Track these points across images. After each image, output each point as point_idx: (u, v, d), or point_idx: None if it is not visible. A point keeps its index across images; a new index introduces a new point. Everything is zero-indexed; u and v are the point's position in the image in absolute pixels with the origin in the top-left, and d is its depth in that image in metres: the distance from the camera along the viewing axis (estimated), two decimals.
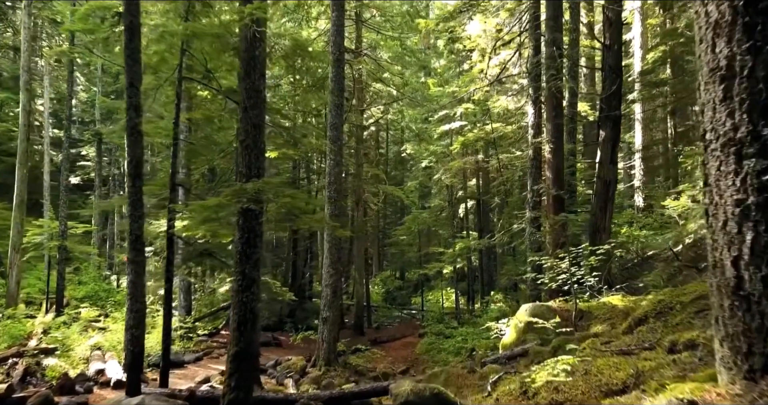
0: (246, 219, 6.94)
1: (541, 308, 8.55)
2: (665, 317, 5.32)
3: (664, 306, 5.52)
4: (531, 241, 12.84)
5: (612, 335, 6.15)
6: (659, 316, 5.41)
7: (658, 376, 2.99)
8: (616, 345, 4.66)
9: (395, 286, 34.25)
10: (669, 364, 3.23)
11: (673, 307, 5.40)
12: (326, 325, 14.25)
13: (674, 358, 3.31)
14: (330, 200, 14.48)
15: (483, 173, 25.21)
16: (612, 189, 12.40)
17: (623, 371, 3.36)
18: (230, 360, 6.72)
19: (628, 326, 5.77)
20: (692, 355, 3.23)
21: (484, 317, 17.35)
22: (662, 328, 4.98)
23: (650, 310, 5.61)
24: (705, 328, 3.63)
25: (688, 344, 3.41)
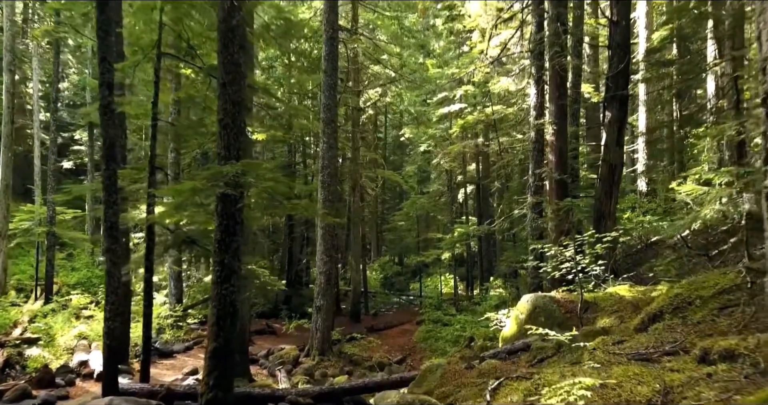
0: (225, 205, 6.39)
1: (544, 299, 8.05)
2: (683, 313, 4.80)
3: (682, 300, 4.99)
4: (532, 228, 12.30)
5: (623, 332, 5.64)
6: (677, 312, 4.89)
7: (693, 395, 2.48)
8: (631, 346, 4.14)
9: (394, 272, 33.83)
10: (703, 379, 2.71)
11: (692, 302, 4.88)
12: (320, 313, 13.79)
13: (709, 372, 2.79)
14: (324, 185, 13.92)
15: (483, 157, 24.61)
16: (618, 173, 11.84)
17: (647, 385, 2.85)
18: (208, 357, 6.22)
19: (641, 322, 5.25)
20: (732, 368, 2.71)
21: (483, 305, 16.91)
22: (681, 326, 4.46)
23: (666, 304, 5.09)
24: (744, 334, 3.12)
25: (725, 354, 2.89)
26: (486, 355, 7.44)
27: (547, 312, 7.84)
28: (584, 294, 8.13)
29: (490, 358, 7.29)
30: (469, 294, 24.83)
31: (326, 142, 13.86)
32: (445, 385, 6.44)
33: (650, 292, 7.47)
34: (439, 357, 13.58)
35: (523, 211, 12.85)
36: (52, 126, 20.09)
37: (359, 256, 21.75)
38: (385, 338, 18.20)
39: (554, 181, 12.08)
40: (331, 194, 13.93)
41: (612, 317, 6.98)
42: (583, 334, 6.37)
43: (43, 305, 17.30)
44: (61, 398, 9.45)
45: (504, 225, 13.71)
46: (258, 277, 9.49)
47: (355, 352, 14.70)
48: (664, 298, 5.30)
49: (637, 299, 7.35)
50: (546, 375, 3.77)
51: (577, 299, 8.02)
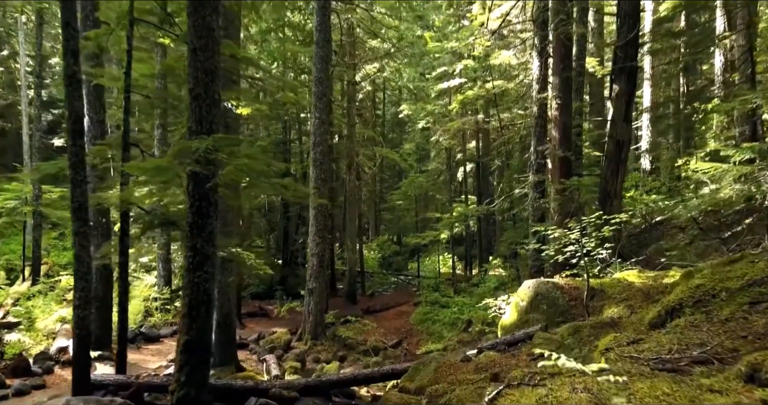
0: (197, 184, 5.78)
1: (547, 285, 7.50)
2: (707, 307, 4.24)
3: (704, 292, 4.42)
4: (534, 208, 11.72)
5: (636, 326, 5.09)
6: (699, 306, 4.33)
7: None
8: (650, 349, 3.58)
9: (392, 251, 33.37)
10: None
11: (717, 295, 4.31)
12: (313, 296, 13.30)
13: (765, 398, 2.23)
14: (316, 163, 13.30)
15: (483, 135, 23.91)
16: (625, 150, 11.18)
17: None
18: (180, 350, 5.69)
19: (657, 316, 4.69)
20: None
21: (481, 287, 16.43)
22: (707, 324, 3.89)
23: (686, 297, 4.52)
24: None
25: None
26: (484, 346, 6.92)
27: (549, 300, 7.30)
28: (590, 280, 7.59)
29: (488, 350, 6.78)
30: (467, 274, 24.37)
31: (318, 118, 13.19)
32: (439, 381, 5.92)
33: (662, 279, 6.92)
34: (436, 342, 13.17)
35: (525, 191, 12.25)
36: (36, 102, 19.36)
37: (355, 236, 21.21)
38: (381, 320, 17.77)
39: (557, 158, 11.45)
40: (323, 173, 13.32)
41: (621, 306, 6.43)
42: (590, 326, 5.83)
43: (30, 287, 16.85)
44: (37, 387, 9.00)
45: (504, 205, 13.13)
46: (244, 260, 8.92)
47: (350, 335, 14.25)
48: (683, 289, 4.73)
49: (647, 286, 6.80)
50: (554, 388, 3.21)
51: (581, 286, 7.48)
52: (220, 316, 10.30)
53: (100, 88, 11.08)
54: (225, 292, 10.31)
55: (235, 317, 10.56)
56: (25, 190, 18.93)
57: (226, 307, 10.33)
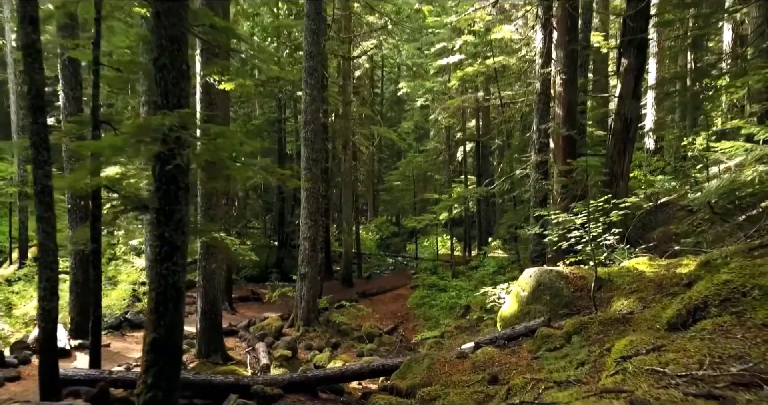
0: (164, 166, 5.19)
1: (550, 274, 6.96)
2: (737, 308, 3.69)
3: (733, 290, 3.88)
4: (536, 190, 11.14)
5: (651, 324, 4.55)
6: (727, 306, 3.79)
7: None
8: (677, 361, 3.03)
9: (390, 232, 32.89)
10: None
11: (748, 293, 3.76)
12: (305, 281, 12.79)
13: None
14: (307, 143, 12.67)
15: (483, 113, 23.21)
16: (633, 128, 10.58)
17: None
18: (147, 350, 5.16)
19: (677, 315, 4.15)
20: None
21: (480, 271, 15.94)
22: (741, 329, 3.35)
23: (711, 294, 3.97)
24: None
25: None
26: (482, 340, 6.41)
27: (553, 290, 6.77)
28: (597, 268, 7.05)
29: (486, 345, 6.27)
30: (466, 255, 23.91)
31: (309, 94, 12.52)
32: (432, 382, 5.42)
33: (675, 268, 6.37)
34: (433, 328, 12.71)
35: (526, 171, 11.66)
36: (19, 79, 18.63)
37: (351, 218, 20.66)
38: (377, 304, 17.33)
39: (561, 137, 10.83)
40: (315, 152, 12.70)
41: (631, 299, 5.89)
42: (599, 322, 5.30)
43: (17, 270, 16.37)
44: (11, 379, 8.53)
45: (504, 187, 12.54)
46: (227, 246, 8.37)
47: (344, 320, 13.79)
48: (707, 284, 4.18)
49: (659, 276, 6.26)
50: None
51: (587, 275, 6.94)
52: (206, 303, 9.81)
53: (75, 62, 10.40)
54: (210, 279, 9.79)
55: (221, 305, 10.06)
56: (9, 171, 18.36)
57: (211, 294, 9.82)
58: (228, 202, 15.09)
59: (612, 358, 3.59)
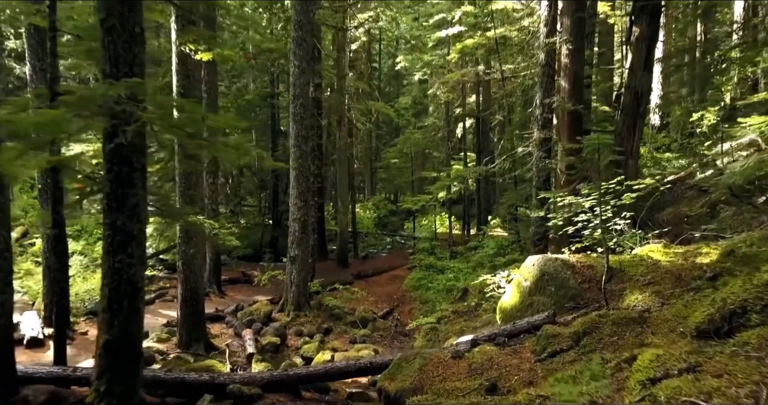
0: (116, 144, 4.52)
1: (555, 263, 6.33)
2: None
3: None
4: (538, 169, 10.44)
5: (673, 326, 3.94)
6: None
7: None
8: (724, 392, 2.41)
9: (388, 210, 32.26)
10: None
11: None
12: (295, 264, 12.21)
13: None
14: (296, 118, 11.94)
15: (484, 88, 22.37)
16: (644, 102, 9.87)
17: None
18: (99, 353, 4.56)
19: (709, 321, 3.53)
20: None
21: (479, 252, 15.35)
22: None
23: (752, 298, 3.35)
24: None
25: None
26: (480, 337, 5.81)
27: (558, 281, 6.15)
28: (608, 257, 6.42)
29: (485, 342, 5.68)
30: (465, 234, 23.35)
31: (298, 67, 11.74)
32: (424, 386, 4.84)
33: (694, 257, 5.74)
34: (429, 314, 12.14)
35: (528, 149, 10.96)
36: None
37: (347, 197, 20.00)
38: (373, 286, 16.79)
39: (566, 112, 10.11)
40: (305, 129, 11.98)
41: (647, 293, 5.28)
42: (612, 321, 4.69)
43: None
44: None
45: (505, 165, 11.86)
46: (204, 230, 7.74)
47: (337, 304, 13.24)
48: (743, 285, 3.55)
49: (677, 267, 5.63)
50: None
51: (596, 264, 6.32)
52: (186, 290, 9.22)
53: (41, 30, 9.60)
54: (190, 264, 9.19)
55: (203, 291, 9.48)
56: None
57: (192, 280, 9.23)
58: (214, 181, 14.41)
59: (635, 379, 2.98)
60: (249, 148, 4.97)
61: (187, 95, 8.90)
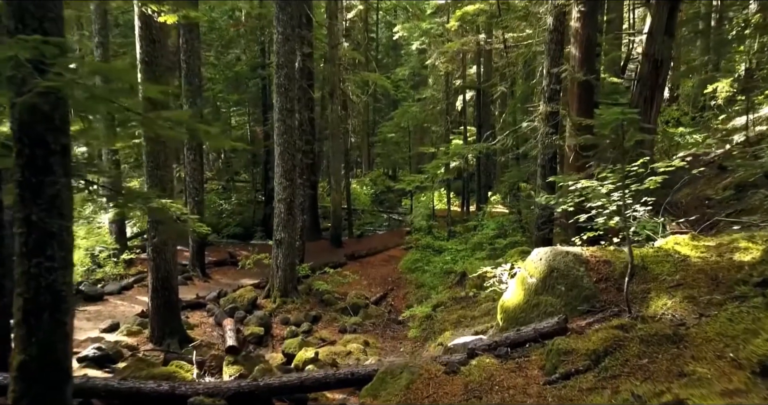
0: (29, 120, 3.62)
1: (565, 258, 5.49)
2: None
3: None
4: (544, 146, 9.52)
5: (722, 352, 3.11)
6: None
7: None
8: None
9: (385, 186, 31.33)
10: None
11: None
12: (281, 248, 11.40)
13: None
14: (280, 90, 10.95)
15: (485, 58, 21.24)
16: (664, 72, 8.89)
17: None
18: (14, 376, 3.74)
19: None
20: None
21: (479, 233, 14.54)
22: None
23: None
24: None
25: None
26: (478, 345, 4.99)
27: (569, 279, 5.32)
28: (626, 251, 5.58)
29: (484, 351, 4.87)
30: (464, 212, 22.52)
31: (282, 33, 10.70)
32: None
33: (729, 253, 4.88)
34: (424, 302, 11.38)
35: (534, 124, 10.01)
36: None
37: (341, 174, 19.09)
38: (367, 268, 16.03)
39: (577, 83, 9.13)
40: (289, 101, 11.00)
41: (677, 297, 4.45)
42: (639, 339, 3.86)
43: None
44: None
45: (508, 142, 10.93)
46: (170, 217, 6.86)
47: (327, 289, 12.47)
48: None
49: (710, 264, 4.79)
50: None
51: (613, 258, 5.47)
52: (157, 280, 8.41)
53: None
54: (161, 252, 8.35)
55: (176, 281, 8.65)
56: None
57: (163, 268, 8.41)
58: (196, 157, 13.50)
59: None
60: (197, 126, 4.07)
61: (152, 64, 7.94)
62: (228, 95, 24.78)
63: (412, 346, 9.70)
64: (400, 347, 9.81)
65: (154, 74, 7.97)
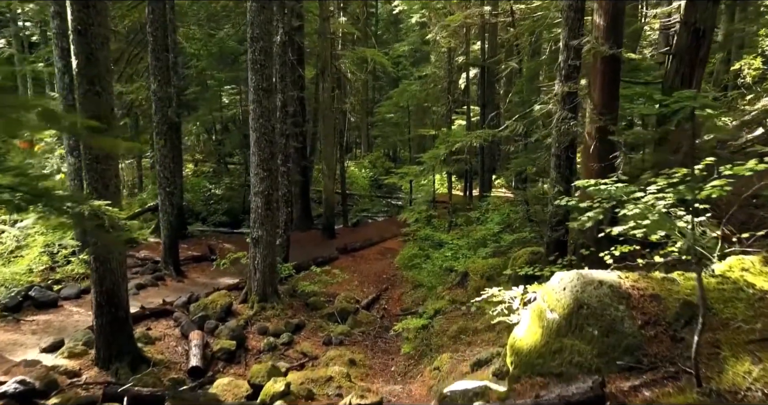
0: None
1: (599, 290, 4.14)
2: None
3: None
4: (560, 132, 8.08)
5: None
6: None
7: None
8: None
9: (386, 169, 29.88)
10: None
11: None
12: (259, 247, 10.10)
13: None
14: (255, 66, 9.50)
15: (490, 34, 19.61)
16: (706, 44, 7.42)
17: None
18: None
19: None
20: None
21: (482, 227, 13.17)
22: None
23: None
24: None
25: None
26: None
27: (605, 320, 3.97)
28: (680, 281, 4.24)
29: None
30: (466, 196, 21.17)
31: (256, 0, 9.22)
32: None
33: None
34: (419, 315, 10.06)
35: (548, 106, 8.56)
36: None
37: (333, 158, 17.68)
38: (360, 263, 14.76)
39: (600, 58, 7.67)
40: (266, 80, 9.56)
41: (766, 361, 3.10)
42: None
43: None
44: None
45: (518, 128, 9.49)
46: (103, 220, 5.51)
47: (314, 290, 11.21)
48: None
49: None
50: None
51: (663, 292, 4.12)
52: (101, 294, 7.11)
53: None
54: (105, 260, 7.03)
55: (125, 292, 7.32)
56: None
57: (109, 280, 7.10)
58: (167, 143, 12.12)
59: None
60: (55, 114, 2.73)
61: (86, 34, 6.52)
62: (216, 72, 23.24)
63: (405, 364, 8.46)
64: (391, 365, 8.56)
65: (89, 46, 6.56)
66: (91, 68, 6.60)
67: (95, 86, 6.62)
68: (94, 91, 6.62)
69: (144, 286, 11.45)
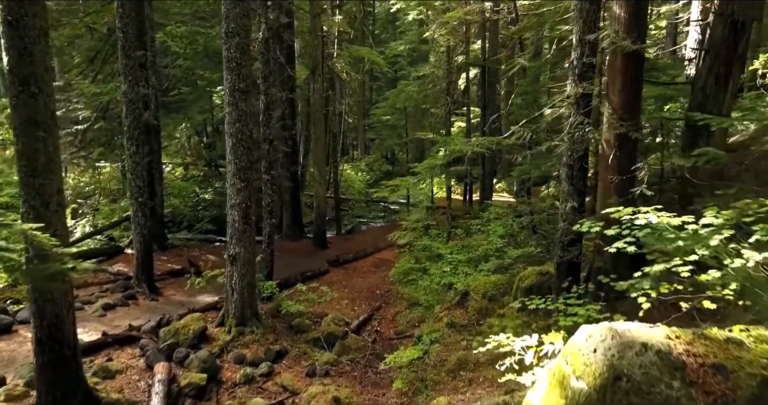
0: None
1: (642, 356, 3.13)
2: None
3: None
4: (573, 140, 7.08)
5: None
6: None
7: None
8: None
9: (384, 172, 28.89)
10: None
11: None
12: (236, 265, 9.11)
13: None
14: (230, 65, 8.52)
15: (491, 32, 18.66)
16: (744, 38, 6.42)
17: None
18: None
19: None
20: None
21: (483, 239, 12.17)
22: None
23: None
24: None
25: None
26: None
27: (654, 400, 2.98)
28: (749, 344, 3.24)
29: None
30: (466, 202, 20.22)
31: None
32: None
33: None
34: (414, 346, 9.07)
35: (560, 110, 7.57)
36: None
37: (323, 163, 16.69)
38: (352, 276, 13.76)
39: (621, 56, 6.69)
40: (242, 80, 8.56)
41: None
42: None
43: None
44: None
45: (525, 134, 8.48)
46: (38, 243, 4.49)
47: (299, 310, 10.23)
48: None
49: None
50: None
51: (725, 357, 3.12)
52: (41, 328, 6.11)
53: None
54: (45, 292, 6.04)
55: (69, 326, 6.33)
56: None
57: (51, 312, 6.10)
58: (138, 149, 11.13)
59: None
60: None
61: (18, 25, 5.54)
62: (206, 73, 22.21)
63: (398, 402, 7.46)
64: (382, 404, 7.57)
65: (22, 40, 5.58)
66: (25, 66, 5.62)
67: (30, 87, 5.64)
68: (29, 92, 5.64)
69: (112, 306, 10.45)
